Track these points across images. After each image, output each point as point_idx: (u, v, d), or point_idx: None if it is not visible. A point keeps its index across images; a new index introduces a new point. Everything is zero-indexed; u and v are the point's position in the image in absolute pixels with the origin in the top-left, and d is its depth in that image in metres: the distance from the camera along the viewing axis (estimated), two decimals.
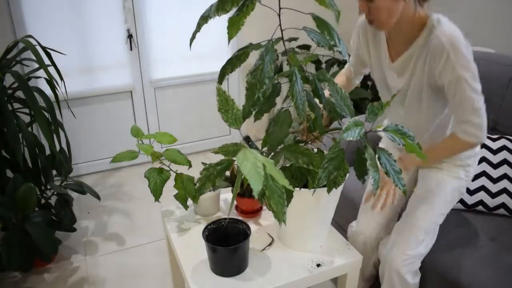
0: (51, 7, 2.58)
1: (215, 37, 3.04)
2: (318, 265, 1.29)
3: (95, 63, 2.82)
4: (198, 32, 1.02)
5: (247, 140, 1.54)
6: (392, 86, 1.44)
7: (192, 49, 3.04)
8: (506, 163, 1.65)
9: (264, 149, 1.16)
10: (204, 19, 1.01)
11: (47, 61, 1.93)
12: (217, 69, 1.12)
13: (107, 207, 2.63)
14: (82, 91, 2.82)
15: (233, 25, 0.98)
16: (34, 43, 1.88)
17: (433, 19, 1.25)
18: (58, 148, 2.08)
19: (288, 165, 1.21)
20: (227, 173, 1.37)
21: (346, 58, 1.08)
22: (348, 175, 1.15)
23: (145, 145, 1.38)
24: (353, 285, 1.40)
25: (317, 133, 1.28)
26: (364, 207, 1.59)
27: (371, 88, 3.09)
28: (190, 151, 3.28)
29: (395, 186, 1.07)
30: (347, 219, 1.72)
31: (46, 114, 1.97)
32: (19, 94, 1.93)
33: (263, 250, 1.36)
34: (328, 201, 1.27)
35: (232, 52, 1.11)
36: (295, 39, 2.94)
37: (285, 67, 3.16)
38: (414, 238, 1.38)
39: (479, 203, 1.65)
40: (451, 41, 1.18)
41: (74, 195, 2.33)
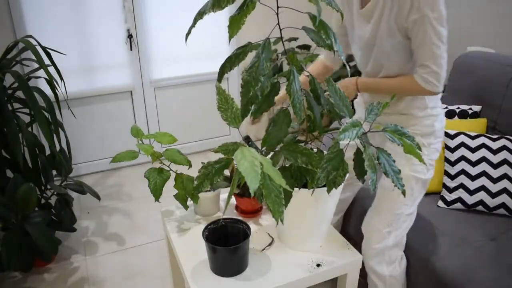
0: (51, 7, 2.58)
1: (214, 37, 3.05)
2: (318, 265, 1.29)
3: (95, 63, 2.82)
4: (193, 27, 1.02)
5: (247, 140, 1.54)
6: (360, 35, 1.39)
7: (192, 49, 3.07)
8: (506, 163, 1.65)
9: (263, 149, 1.16)
10: (200, 15, 1.01)
11: (47, 61, 1.93)
12: (217, 69, 1.12)
13: (107, 207, 2.63)
14: (82, 91, 2.83)
15: (234, 24, 0.98)
16: (34, 43, 1.88)
17: None
18: (58, 148, 2.08)
19: (287, 165, 1.21)
20: (227, 173, 1.37)
21: (342, 57, 1.09)
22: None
23: (145, 145, 1.38)
24: (353, 285, 1.40)
25: (316, 133, 1.27)
26: None
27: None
28: (190, 151, 3.29)
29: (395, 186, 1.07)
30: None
31: (46, 114, 1.97)
32: (19, 94, 1.94)
33: (263, 250, 1.36)
34: (327, 201, 1.27)
35: (231, 52, 1.11)
36: (295, 39, 2.94)
37: (286, 67, 3.15)
38: (377, 232, 1.44)
39: (479, 203, 1.65)
40: None
41: (74, 195, 2.33)
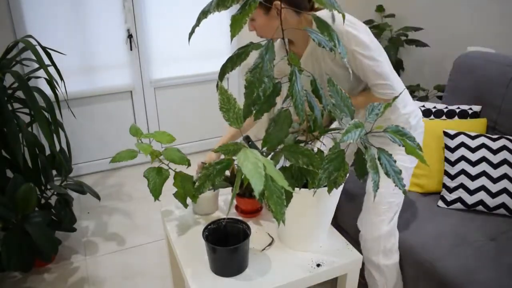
0: (51, 7, 2.58)
1: (215, 37, 3.05)
2: (318, 265, 1.29)
3: (95, 63, 2.82)
4: (197, 26, 1.02)
5: (247, 140, 1.54)
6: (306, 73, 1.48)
7: (192, 49, 3.06)
8: (506, 163, 1.65)
9: (264, 149, 1.16)
10: (204, 14, 1.00)
11: (47, 61, 1.93)
12: (217, 69, 1.11)
13: (107, 207, 2.63)
14: (82, 91, 2.82)
15: (236, 23, 0.97)
16: (34, 43, 1.88)
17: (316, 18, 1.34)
18: (58, 148, 2.08)
19: (288, 165, 1.21)
20: (227, 173, 1.37)
21: (345, 60, 1.09)
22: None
23: (144, 145, 1.38)
24: (353, 285, 1.40)
25: (317, 133, 1.27)
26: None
27: None
28: (190, 151, 3.28)
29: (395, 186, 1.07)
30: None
31: (46, 114, 1.97)
32: (19, 94, 1.93)
33: (263, 250, 1.36)
34: (328, 201, 1.27)
35: (232, 52, 1.11)
36: None
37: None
38: (371, 223, 1.49)
39: (479, 203, 1.65)
40: (338, 26, 1.29)
41: (74, 195, 2.33)
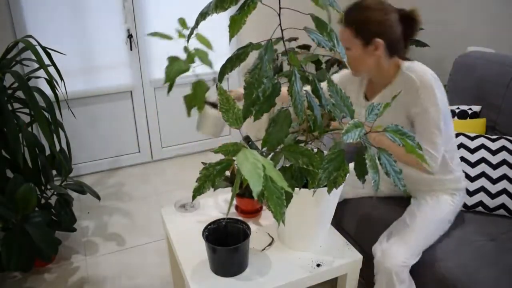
0: (51, 7, 2.58)
1: (215, 38, 3.03)
2: (318, 265, 1.29)
3: (95, 63, 2.82)
4: (196, 28, 1.02)
5: (247, 140, 1.54)
6: (357, 111, 1.50)
7: (192, 49, 3.06)
8: (505, 163, 1.65)
9: (264, 149, 1.16)
10: (202, 16, 1.01)
11: (47, 61, 1.93)
12: (217, 69, 1.12)
13: (107, 207, 2.63)
14: (82, 91, 2.82)
15: (235, 24, 0.97)
16: (34, 43, 1.88)
17: (404, 66, 1.45)
18: (58, 148, 2.08)
19: (288, 165, 1.21)
20: (227, 173, 1.37)
21: (344, 59, 1.09)
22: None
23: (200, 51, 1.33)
24: (353, 285, 1.40)
25: (316, 133, 1.28)
26: None
27: None
28: (190, 151, 3.29)
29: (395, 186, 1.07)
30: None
31: (46, 114, 1.97)
32: (19, 94, 1.93)
33: (263, 250, 1.36)
34: (328, 201, 1.27)
35: (232, 52, 1.11)
36: (295, 39, 2.94)
37: (286, 67, 3.15)
38: (400, 266, 1.36)
39: (479, 204, 1.64)
40: (421, 79, 1.38)
41: (74, 195, 2.33)
